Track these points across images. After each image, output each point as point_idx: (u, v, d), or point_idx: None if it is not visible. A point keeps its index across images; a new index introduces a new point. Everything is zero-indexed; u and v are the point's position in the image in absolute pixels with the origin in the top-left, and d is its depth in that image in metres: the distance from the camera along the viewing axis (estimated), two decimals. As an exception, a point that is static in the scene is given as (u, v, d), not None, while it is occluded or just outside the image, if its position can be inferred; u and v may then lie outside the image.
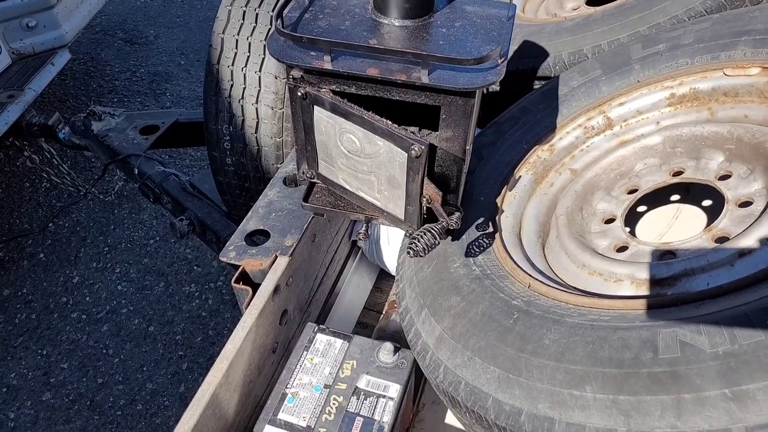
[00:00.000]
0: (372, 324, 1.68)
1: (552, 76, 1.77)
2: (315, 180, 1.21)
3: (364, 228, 1.22)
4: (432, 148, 0.99)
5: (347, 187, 1.16)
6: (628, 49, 1.47)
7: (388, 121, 1.00)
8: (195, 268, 2.96)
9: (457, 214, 1.12)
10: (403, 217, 1.12)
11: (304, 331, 1.28)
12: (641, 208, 1.50)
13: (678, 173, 1.30)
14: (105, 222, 3.23)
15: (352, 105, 1.02)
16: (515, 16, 1.12)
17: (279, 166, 1.74)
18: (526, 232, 1.33)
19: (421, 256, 1.10)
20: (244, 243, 1.32)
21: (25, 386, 2.49)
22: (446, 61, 0.96)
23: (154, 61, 4.64)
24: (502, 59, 1.00)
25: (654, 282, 1.05)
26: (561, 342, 0.92)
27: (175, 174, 2.47)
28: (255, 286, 1.26)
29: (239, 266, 1.27)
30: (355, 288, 1.72)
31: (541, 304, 1.03)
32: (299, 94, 1.03)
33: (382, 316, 1.66)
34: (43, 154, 3.24)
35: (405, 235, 1.15)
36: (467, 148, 1.08)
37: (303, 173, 1.21)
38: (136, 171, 2.52)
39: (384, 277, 1.79)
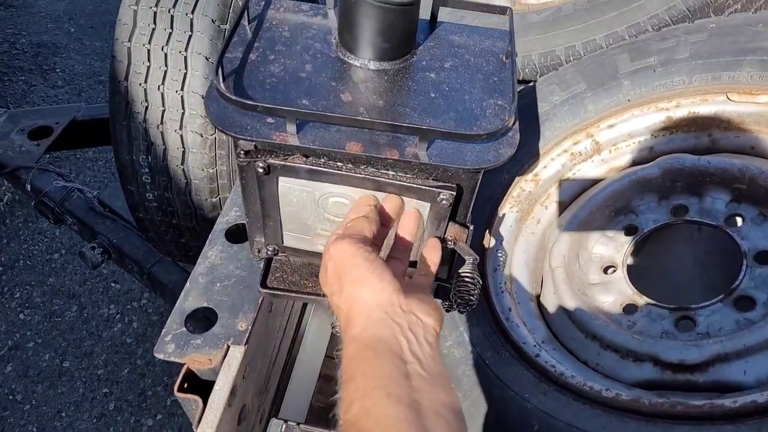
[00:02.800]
0: (335, 376, 1.48)
1: (520, 79, 1.58)
2: (275, 255, 0.97)
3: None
4: (459, 188, 0.79)
5: None
6: (615, 61, 1.30)
7: (392, 173, 0.78)
8: (113, 285, 2.60)
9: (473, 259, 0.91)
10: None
11: (270, 429, 1.07)
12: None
13: (680, 210, 1.17)
14: (-4, 235, 2.76)
15: (338, 164, 0.78)
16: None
17: (214, 200, 1.46)
18: (518, 286, 1.17)
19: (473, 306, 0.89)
20: (184, 329, 1.06)
21: None
22: (453, 137, 0.74)
23: (36, 29, 3.98)
24: (515, 122, 0.79)
25: (684, 368, 0.92)
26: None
27: (79, 189, 2.08)
28: (204, 387, 1.01)
29: (182, 364, 1.02)
30: (315, 335, 1.51)
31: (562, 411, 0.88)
32: (259, 169, 0.78)
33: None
34: None
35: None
36: (469, 223, 0.87)
37: (258, 251, 0.96)
38: (28, 187, 2.10)
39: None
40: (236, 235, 1.21)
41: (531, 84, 1.42)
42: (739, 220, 1.10)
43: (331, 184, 0.81)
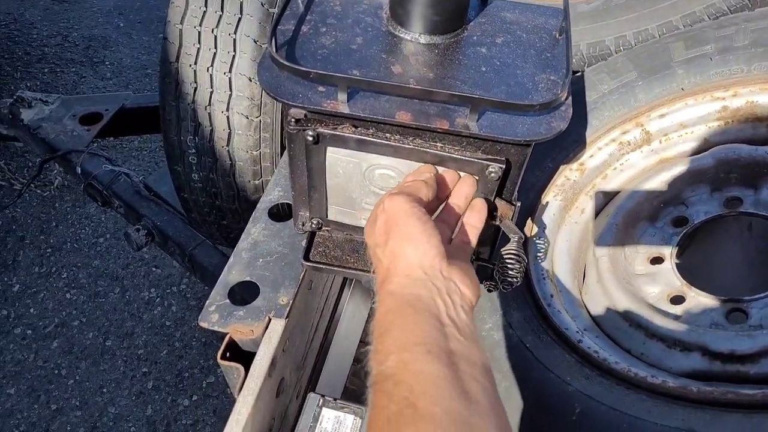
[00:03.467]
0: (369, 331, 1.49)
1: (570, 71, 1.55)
2: (319, 229, 0.98)
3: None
4: (507, 162, 0.78)
5: None
6: (669, 49, 1.27)
7: (440, 144, 0.78)
8: (154, 269, 2.67)
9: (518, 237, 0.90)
10: None
11: (306, 404, 1.07)
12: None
13: (733, 202, 1.13)
14: (45, 218, 2.87)
15: (387, 135, 0.78)
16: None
17: (257, 183, 1.48)
18: (560, 274, 1.15)
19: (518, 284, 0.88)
20: (228, 301, 1.08)
21: (-34, 416, 2.20)
22: (504, 107, 0.73)
23: (88, 23, 4.12)
24: (567, 96, 0.78)
25: (734, 358, 0.89)
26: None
27: (126, 173, 2.14)
28: (246, 358, 1.03)
29: (225, 334, 1.04)
30: (350, 320, 1.52)
31: (604, 395, 0.85)
32: (308, 137, 0.79)
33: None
34: (-36, 143, 2.81)
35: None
36: (516, 201, 0.86)
37: (303, 224, 0.97)
38: (78, 170, 2.17)
39: (380, 302, 1.59)
40: (279, 214, 1.22)
41: (579, 73, 1.39)
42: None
43: (378, 155, 0.81)
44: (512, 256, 0.83)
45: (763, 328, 0.91)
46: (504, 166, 0.77)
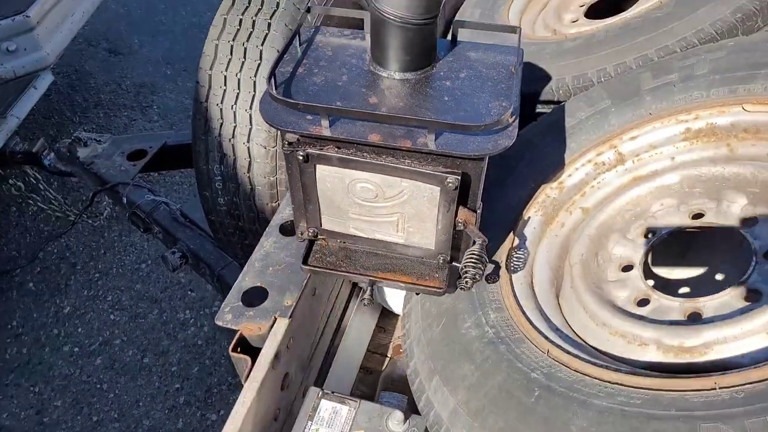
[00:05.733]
0: (376, 368, 1.61)
1: (555, 100, 1.69)
2: (316, 238, 1.14)
3: (368, 292, 1.14)
4: (465, 175, 0.92)
5: (360, 234, 1.10)
6: (638, 78, 1.40)
7: (408, 161, 0.93)
8: (189, 293, 2.88)
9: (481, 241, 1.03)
10: (432, 248, 1.07)
11: (307, 396, 1.21)
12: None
13: (698, 215, 1.23)
14: (95, 246, 3.14)
15: (364, 154, 0.94)
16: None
17: (274, 205, 1.66)
18: (539, 281, 1.26)
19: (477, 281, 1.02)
20: (240, 304, 1.24)
21: (18, 427, 2.41)
22: (453, 128, 0.88)
23: (139, 72, 4.51)
24: (513, 118, 0.92)
25: (683, 350, 0.98)
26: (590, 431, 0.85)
27: (165, 202, 2.38)
28: (254, 352, 1.18)
29: (236, 331, 1.20)
30: (357, 331, 1.65)
31: (563, 378, 0.97)
32: (299, 157, 0.95)
33: (387, 361, 1.59)
34: (28, 180, 3.13)
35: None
36: (478, 209, 1.00)
37: (302, 233, 1.13)
38: (124, 200, 2.42)
39: (387, 316, 1.72)
40: (289, 229, 1.39)
41: (561, 104, 1.53)
42: (754, 221, 1.15)
43: (358, 171, 0.97)
44: (474, 257, 0.97)
45: (713, 324, 1.01)
46: (459, 177, 0.92)
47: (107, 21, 4.89)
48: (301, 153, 0.95)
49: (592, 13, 1.98)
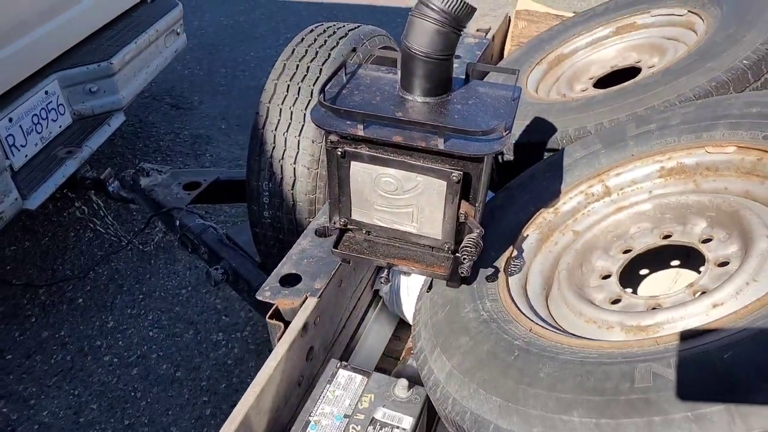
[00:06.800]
0: (390, 369, 1.80)
1: (559, 148, 1.96)
2: (346, 228, 1.39)
3: (385, 273, 1.38)
4: (466, 174, 1.18)
5: (382, 224, 1.34)
6: (624, 128, 1.67)
7: (423, 159, 1.20)
8: (223, 318, 3.12)
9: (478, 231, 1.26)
10: (440, 237, 1.30)
11: (327, 366, 1.42)
12: (643, 271, 1.65)
13: (667, 236, 1.45)
14: (142, 271, 3.44)
15: (389, 153, 1.21)
16: (524, 96, 1.33)
17: (311, 220, 1.94)
18: (531, 285, 1.48)
19: (473, 260, 1.24)
20: (278, 285, 1.49)
21: (56, 424, 2.62)
22: (458, 132, 1.16)
23: (196, 125, 5.01)
24: (507, 132, 1.19)
25: (640, 328, 1.18)
26: (554, 375, 1.05)
27: (213, 227, 2.68)
28: (286, 323, 1.41)
29: (273, 304, 1.44)
30: (375, 335, 1.86)
31: (539, 344, 1.17)
32: (338, 153, 1.23)
33: (399, 361, 1.78)
34: (91, 205, 3.51)
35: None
36: (477, 204, 1.25)
37: (334, 223, 1.40)
38: (177, 223, 2.74)
39: (403, 327, 1.93)
40: (322, 232, 1.66)
41: (563, 149, 1.80)
42: (710, 239, 1.36)
43: (384, 167, 1.24)
44: (472, 241, 1.21)
45: (664, 309, 1.21)
46: (462, 174, 1.17)
47: (172, 80, 5.49)
48: (340, 150, 1.23)
49: (600, 85, 2.29)
